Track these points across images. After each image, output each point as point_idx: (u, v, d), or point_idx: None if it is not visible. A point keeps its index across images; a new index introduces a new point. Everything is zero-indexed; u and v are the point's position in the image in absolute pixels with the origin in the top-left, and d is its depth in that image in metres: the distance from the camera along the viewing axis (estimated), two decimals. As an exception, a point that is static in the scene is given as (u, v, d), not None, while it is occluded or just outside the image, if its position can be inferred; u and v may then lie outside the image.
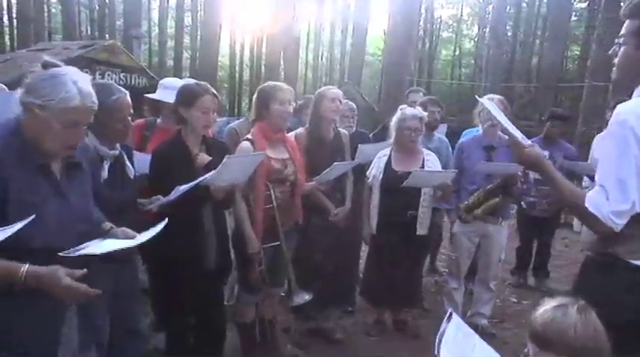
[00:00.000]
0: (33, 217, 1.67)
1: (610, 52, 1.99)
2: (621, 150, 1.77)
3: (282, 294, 3.88)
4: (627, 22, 1.90)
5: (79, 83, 1.83)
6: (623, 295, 1.79)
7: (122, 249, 2.02)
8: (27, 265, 1.69)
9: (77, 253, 1.82)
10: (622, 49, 1.91)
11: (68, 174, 1.95)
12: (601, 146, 1.87)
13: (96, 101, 1.90)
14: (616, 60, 1.95)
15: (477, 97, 2.51)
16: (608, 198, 1.76)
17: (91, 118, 1.91)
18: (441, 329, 1.55)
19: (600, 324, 1.45)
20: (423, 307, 4.63)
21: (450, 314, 1.59)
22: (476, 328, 4.30)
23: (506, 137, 4.18)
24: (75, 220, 1.93)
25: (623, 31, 1.91)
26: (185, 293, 3.00)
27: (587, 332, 1.42)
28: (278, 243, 3.31)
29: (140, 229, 2.31)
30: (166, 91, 3.52)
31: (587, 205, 1.80)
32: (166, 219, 2.22)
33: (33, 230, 1.68)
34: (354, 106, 4.63)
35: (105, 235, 2.11)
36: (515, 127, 2.22)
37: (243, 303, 3.57)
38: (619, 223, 1.76)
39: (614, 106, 5.35)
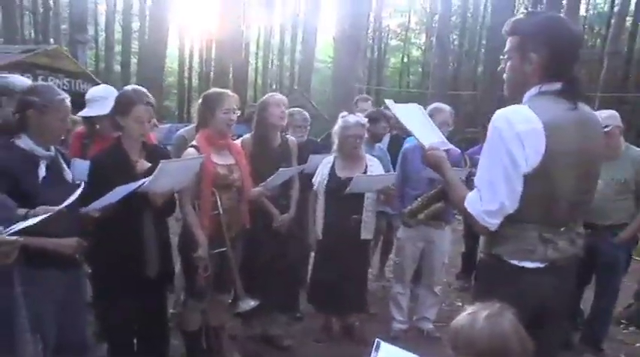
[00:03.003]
0: None
1: (499, 68, 2.11)
2: (491, 153, 1.89)
3: (230, 301, 3.84)
4: (509, 39, 2.02)
5: None
6: (508, 295, 1.80)
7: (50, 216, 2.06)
8: None
9: (12, 230, 1.85)
10: (508, 63, 2.03)
11: None
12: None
13: None
14: (505, 75, 2.06)
15: (385, 101, 2.53)
16: (482, 198, 1.88)
17: None
18: None
19: (512, 327, 1.50)
20: (369, 312, 4.67)
21: (378, 343, 1.60)
22: (422, 332, 4.38)
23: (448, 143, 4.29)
24: None
25: (507, 47, 2.04)
26: (126, 301, 2.93)
27: (492, 337, 1.47)
28: (224, 249, 3.28)
29: (82, 235, 2.25)
30: (95, 104, 3.51)
31: (465, 205, 1.92)
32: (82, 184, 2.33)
33: None
34: (308, 117, 4.66)
35: (25, 217, 2.10)
36: (431, 132, 2.28)
37: (190, 310, 3.52)
38: (491, 222, 1.87)
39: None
